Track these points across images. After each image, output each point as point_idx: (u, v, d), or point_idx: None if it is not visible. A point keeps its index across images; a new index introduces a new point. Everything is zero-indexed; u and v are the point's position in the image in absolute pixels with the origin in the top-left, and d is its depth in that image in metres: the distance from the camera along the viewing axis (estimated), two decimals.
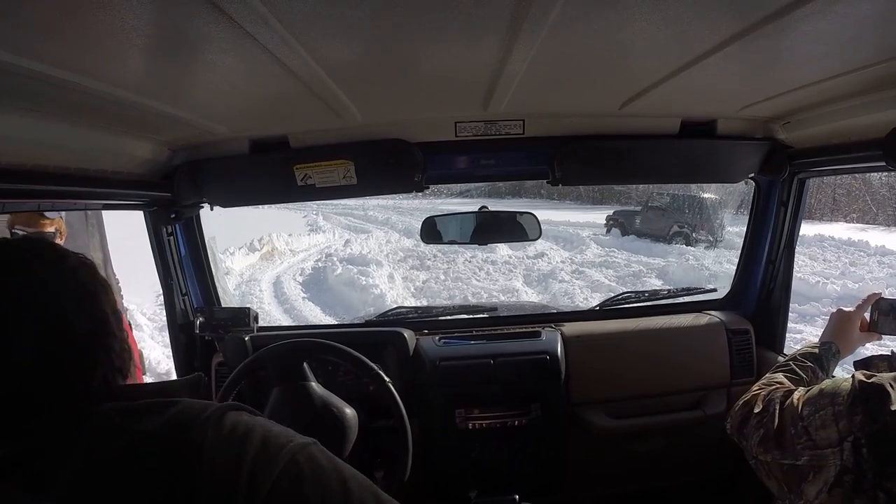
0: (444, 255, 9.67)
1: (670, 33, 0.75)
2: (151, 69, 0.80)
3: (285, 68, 0.81)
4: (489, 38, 0.75)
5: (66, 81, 0.75)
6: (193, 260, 1.63)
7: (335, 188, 1.37)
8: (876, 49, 0.81)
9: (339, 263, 8.91)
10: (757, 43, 0.77)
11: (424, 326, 1.72)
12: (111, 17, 0.59)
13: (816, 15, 0.66)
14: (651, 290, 1.92)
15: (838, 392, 0.84)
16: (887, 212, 16.38)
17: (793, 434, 0.88)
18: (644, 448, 1.65)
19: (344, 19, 0.66)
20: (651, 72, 0.96)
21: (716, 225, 11.65)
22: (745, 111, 1.29)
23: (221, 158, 1.34)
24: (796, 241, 1.62)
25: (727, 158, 1.46)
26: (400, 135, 1.34)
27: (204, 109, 1.07)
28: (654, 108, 1.24)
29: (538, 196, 19.54)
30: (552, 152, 1.39)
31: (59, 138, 0.95)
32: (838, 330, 1.15)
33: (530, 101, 1.19)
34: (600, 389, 1.61)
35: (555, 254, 10.23)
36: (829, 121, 1.20)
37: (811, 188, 1.61)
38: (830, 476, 0.82)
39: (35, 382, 0.51)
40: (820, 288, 7.36)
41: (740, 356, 1.67)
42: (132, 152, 1.19)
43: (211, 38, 0.68)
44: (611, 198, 18.29)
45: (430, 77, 0.96)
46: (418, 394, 1.53)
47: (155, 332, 5.34)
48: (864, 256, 10.19)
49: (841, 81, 0.97)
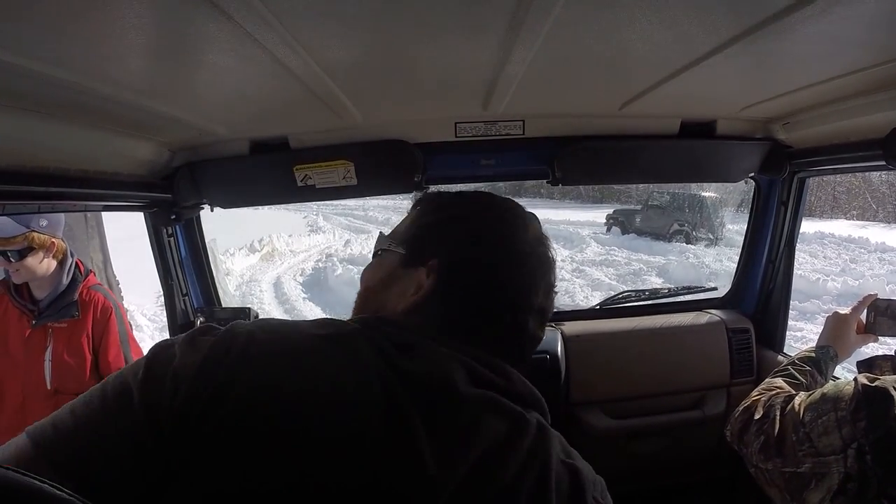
0: None
1: (670, 34, 0.75)
2: (152, 69, 0.80)
3: (285, 69, 0.80)
4: (489, 38, 0.75)
5: (66, 81, 0.75)
6: (194, 261, 1.63)
7: (335, 189, 1.36)
8: (876, 50, 0.81)
9: (339, 264, 8.91)
10: (757, 44, 0.76)
11: None
12: (111, 16, 0.59)
13: (816, 16, 0.66)
14: (651, 289, 1.92)
15: (840, 397, 0.82)
16: (887, 209, 16.37)
17: (794, 441, 0.86)
18: (644, 448, 1.65)
19: (344, 19, 0.66)
20: (651, 73, 0.96)
21: (716, 223, 11.66)
22: (745, 112, 1.29)
23: (221, 159, 1.34)
24: (796, 240, 1.62)
25: (727, 158, 1.46)
26: (400, 135, 1.34)
27: (204, 110, 1.07)
28: (654, 108, 1.24)
29: (538, 195, 19.50)
30: (552, 152, 1.39)
31: (59, 139, 0.95)
32: (835, 333, 1.15)
33: (530, 102, 1.18)
34: (600, 389, 1.61)
35: (555, 252, 10.21)
36: (829, 121, 1.20)
37: (811, 186, 1.61)
38: (834, 484, 0.80)
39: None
40: (820, 285, 7.37)
41: (740, 355, 1.67)
42: (132, 153, 1.19)
43: (211, 39, 0.68)
44: (611, 197, 18.29)
45: (430, 77, 0.96)
46: None
47: (155, 333, 5.34)
48: (865, 253, 10.19)
49: (841, 83, 0.97)
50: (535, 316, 0.60)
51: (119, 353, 1.66)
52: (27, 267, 1.54)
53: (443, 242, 0.60)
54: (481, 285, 0.58)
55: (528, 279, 0.60)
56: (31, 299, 1.61)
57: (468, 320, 0.57)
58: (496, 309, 0.58)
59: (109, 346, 1.63)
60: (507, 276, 0.58)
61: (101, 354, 1.63)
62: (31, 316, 1.59)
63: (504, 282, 0.58)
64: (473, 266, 0.58)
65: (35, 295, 1.62)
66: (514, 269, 0.59)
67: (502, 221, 0.62)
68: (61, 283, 1.61)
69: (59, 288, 1.61)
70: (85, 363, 1.60)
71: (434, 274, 0.58)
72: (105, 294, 1.68)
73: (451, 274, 0.58)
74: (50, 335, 1.59)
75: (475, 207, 0.64)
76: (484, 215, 0.63)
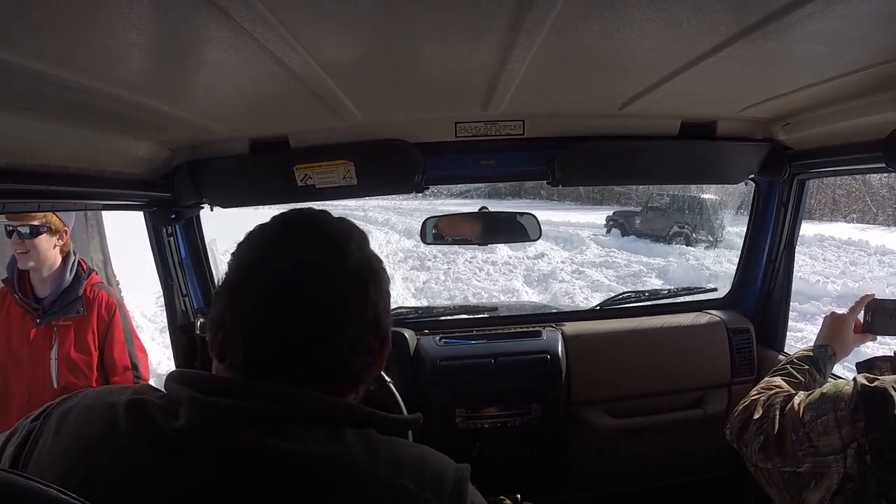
0: (444, 255, 9.67)
1: (670, 34, 0.75)
2: (151, 68, 0.80)
3: (285, 68, 0.80)
4: (489, 38, 0.75)
5: (66, 81, 0.75)
6: (194, 261, 1.63)
7: (335, 188, 1.36)
8: (876, 50, 0.81)
9: None
10: (757, 44, 0.76)
11: (425, 326, 1.72)
12: (111, 16, 0.59)
13: (816, 16, 0.66)
14: (651, 290, 1.93)
15: (840, 396, 0.82)
16: (887, 212, 16.37)
17: (794, 440, 0.86)
18: (644, 448, 1.65)
19: (344, 19, 0.66)
20: (651, 72, 0.96)
21: (716, 225, 11.65)
22: (745, 112, 1.29)
23: (221, 159, 1.34)
24: (796, 241, 1.62)
25: (727, 159, 1.46)
26: (400, 135, 1.34)
27: (204, 109, 1.07)
28: (654, 108, 1.24)
29: (538, 197, 19.51)
30: (552, 153, 1.39)
31: (59, 138, 0.95)
32: (833, 332, 1.15)
33: (530, 102, 1.19)
34: (600, 389, 1.61)
35: (555, 254, 10.22)
36: (829, 122, 1.20)
37: (811, 189, 1.61)
38: (833, 484, 0.80)
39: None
40: (820, 287, 7.37)
41: (741, 355, 1.67)
42: (132, 152, 1.19)
43: (211, 38, 0.68)
44: (611, 198, 18.27)
45: (430, 77, 0.96)
46: (419, 393, 1.53)
47: (156, 333, 5.33)
48: (865, 256, 10.18)
49: (841, 83, 0.97)
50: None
51: (124, 349, 1.66)
52: (38, 248, 1.54)
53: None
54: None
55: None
56: (34, 297, 1.61)
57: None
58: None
59: (114, 343, 1.64)
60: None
61: (105, 351, 1.63)
62: (35, 314, 1.59)
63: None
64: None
65: (38, 293, 1.62)
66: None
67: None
68: (65, 280, 1.61)
69: (63, 284, 1.61)
70: (91, 360, 1.61)
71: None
72: (108, 292, 1.68)
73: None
74: (55, 333, 1.59)
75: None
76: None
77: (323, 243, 0.54)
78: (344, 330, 0.52)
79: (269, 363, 0.51)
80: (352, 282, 0.53)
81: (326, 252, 0.54)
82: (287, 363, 0.51)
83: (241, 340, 0.51)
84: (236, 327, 0.51)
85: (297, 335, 0.51)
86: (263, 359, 0.51)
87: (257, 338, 0.51)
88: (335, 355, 0.52)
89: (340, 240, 0.55)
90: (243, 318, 0.52)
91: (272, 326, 0.51)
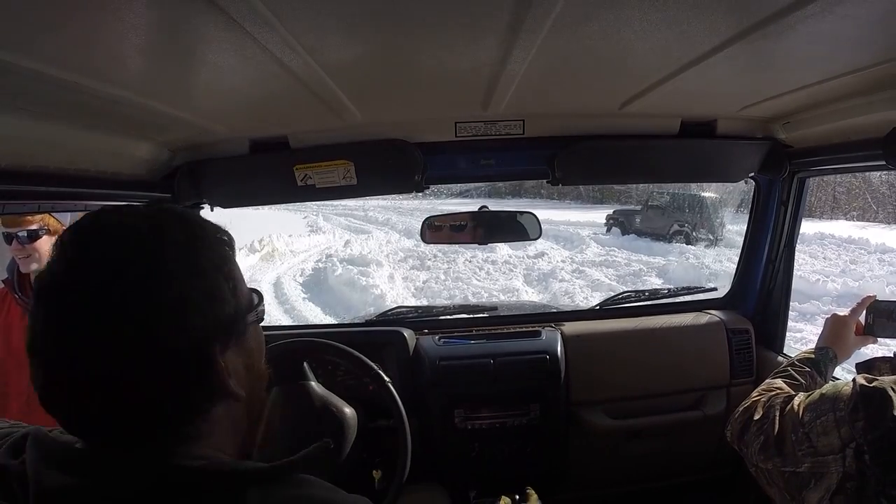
0: (444, 255, 9.67)
1: (670, 34, 0.75)
2: (151, 69, 0.80)
3: (285, 68, 0.80)
4: (489, 38, 0.75)
5: (66, 82, 0.75)
6: None
7: (335, 188, 1.37)
8: (876, 50, 0.81)
9: (339, 264, 8.90)
10: (757, 44, 0.76)
11: (424, 326, 1.72)
12: (111, 16, 0.59)
13: (816, 16, 0.66)
14: (651, 290, 1.92)
15: (839, 397, 0.83)
16: (887, 209, 16.37)
17: (794, 441, 0.87)
18: (644, 448, 1.65)
19: (344, 19, 0.66)
20: (651, 72, 0.96)
21: (716, 223, 11.65)
22: (745, 111, 1.29)
23: (221, 159, 1.34)
24: (796, 240, 1.62)
25: (727, 158, 1.46)
26: (400, 135, 1.34)
27: (204, 109, 1.07)
28: (654, 108, 1.24)
29: (538, 196, 19.52)
30: (552, 152, 1.39)
31: (59, 139, 0.95)
32: (834, 334, 1.15)
33: (530, 102, 1.18)
34: (600, 389, 1.61)
35: (555, 253, 10.22)
36: (829, 121, 1.20)
37: (811, 187, 1.61)
38: (832, 483, 0.81)
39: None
40: (820, 286, 7.36)
41: (740, 355, 1.67)
42: (132, 153, 1.19)
43: (211, 38, 0.68)
44: (611, 197, 18.28)
45: (430, 77, 0.96)
46: (418, 393, 1.53)
47: None
48: (865, 254, 10.18)
49: (841, 82, 0.97)
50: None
51: None
52: (39, 250, 1.54)
53: None
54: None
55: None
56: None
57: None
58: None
59: None
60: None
61: None
62: None
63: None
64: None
65: None
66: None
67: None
68: None
69: None
70: None
71: None
72: None
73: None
74: None
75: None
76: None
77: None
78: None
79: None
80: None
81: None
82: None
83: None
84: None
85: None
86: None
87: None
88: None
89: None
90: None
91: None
